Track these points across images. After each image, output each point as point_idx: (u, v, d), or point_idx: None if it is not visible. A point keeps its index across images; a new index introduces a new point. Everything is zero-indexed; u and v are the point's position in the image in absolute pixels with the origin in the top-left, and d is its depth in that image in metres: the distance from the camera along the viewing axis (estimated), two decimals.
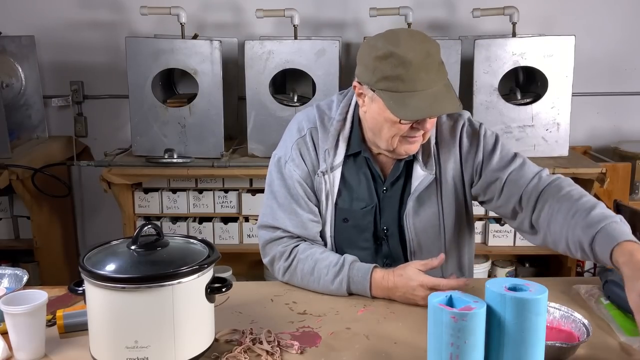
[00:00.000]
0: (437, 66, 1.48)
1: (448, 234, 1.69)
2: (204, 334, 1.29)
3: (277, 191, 1.66)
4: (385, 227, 1.67)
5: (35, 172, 2.80)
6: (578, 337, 1.32)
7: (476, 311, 1.06)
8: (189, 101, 2.83)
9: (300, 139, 1.66)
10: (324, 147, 1.63)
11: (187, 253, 1.29)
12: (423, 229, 1.65)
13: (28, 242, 3.00)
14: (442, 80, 1.49)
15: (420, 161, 1.62)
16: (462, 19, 3.17)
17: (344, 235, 1.67)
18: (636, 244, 1.33)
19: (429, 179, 1.62)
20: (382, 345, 1.35)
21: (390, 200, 1.66)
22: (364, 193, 1.65)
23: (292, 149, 1.66)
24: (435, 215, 1.65)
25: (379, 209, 1.66)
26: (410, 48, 1.45)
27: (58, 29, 3.23)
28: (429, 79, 1.45)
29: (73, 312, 1.41)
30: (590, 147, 3.27)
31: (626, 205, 2.13)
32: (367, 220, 1.66)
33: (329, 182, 1.63)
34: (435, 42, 1.51)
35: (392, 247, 1.68)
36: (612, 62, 3.24)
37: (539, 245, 1.62)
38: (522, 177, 1.59)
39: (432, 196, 1.64)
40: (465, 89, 2.84)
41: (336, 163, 1.63)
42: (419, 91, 1.45)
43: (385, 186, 1.65)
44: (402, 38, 1.48)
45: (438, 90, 1.47)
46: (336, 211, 1.65)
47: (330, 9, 3.19)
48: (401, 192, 1.66)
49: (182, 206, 2.92)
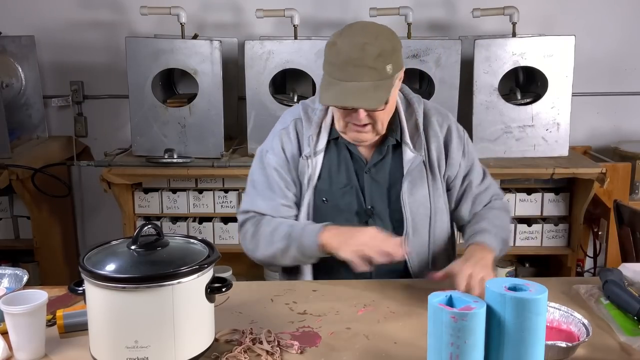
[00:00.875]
0: (370, 62, 1.52)
1: (438, 218, 1.75)
2: (204, 334, 1.29)
3: (256, 180, 1.77)
4: (370, 206, 1.73)
5: (35, 172, 2.80)
6: (578, 337, 1.32)
7: (476, 311, 1.06)
8: (189, 101, 2.83)
9: (283, 130, 1.76)
10: (307, 133, 1.72)
11: (187, 253, 1.29)
12: (416, 209, 1.72)
13: (28, 242, 3.00)
14: (373, 77, 1.54)
15: (409, 144, 1.71)
16: (462, 19, 3.17)
17: (322, 215, 1.73)
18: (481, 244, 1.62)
19: (418, 159, 1.71)
20: (382, 345, 1.35)
21: (376, 181, 1.73)
22: (343, 176, 1.73)
23: (274, 140, 1.76)
24: (426, 197, 1.73)
25: (362, 189, 1.73)
26: (349, 40, 1.55)
27: (58, 29, 3.23)
28: (355, 72, 1.53)
29: (73, 312, 1.41)
30: (590, 147, 3.27)
31: (626, 205, 2.13)
32: (346, 200, 1.73)
33: (311, 165, 1.72)
34: (383, 41, 1.55)
35: (380, 226, 1.68)
36: (612, 62, 3.24)
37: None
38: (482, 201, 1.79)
39: (422, 178, 1.73)
40: (465, 89, 2.84)
41: (319, 148, 1.72)
42: (344, 82, 1.54)
43: (367, 168, 1.73)
44: (351, 30, 1.58)
45: (364, 85, 1.53)
46: (315, 193, 1.73)
47: (330, 9, 3.19)
48: (389, 174, 1.73)
49: (182, 206, 2.92)
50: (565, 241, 2.95)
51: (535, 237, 2.94)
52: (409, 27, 2.87)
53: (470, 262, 1.53)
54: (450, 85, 2.79)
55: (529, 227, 2.94)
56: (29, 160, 2.83)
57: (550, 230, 2.94)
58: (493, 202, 1.80)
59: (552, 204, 2.92)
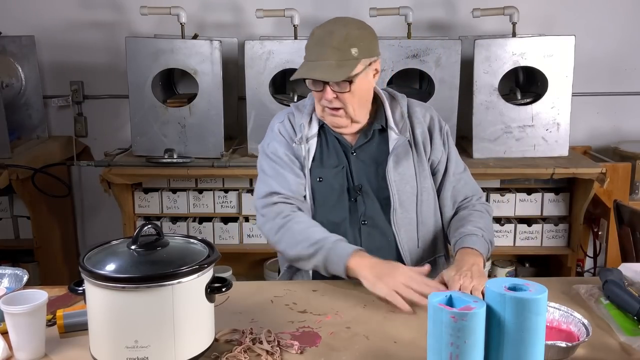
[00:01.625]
0: (335, 44, 1.68)
1: (424, 197, 1.83)
2: (204, 334, 1.29)
3: (266, 168, 1.86)
4: (358, 185, 1.82)
5: (35, 172, 2.80)
6: (578, 337, 1.32)
7: (476, 311, 1.06)
8: (189, 101, 2.83)
9: (280, 123, 1.89)
10: (299, 122, 1.86)
11: (187, 253, 1.29)
12: (403, 187, 1.80)
13: (28, 242, 3.00)
14: (337, 57, 1.67)
15: (394, 128, 1.82)
16: (462, 19, 3.17)
17: (320, 194, 1.83)
18: (471, 249, 1.68)
19: (403, 139, 1.81)
20: (382, 345, 1.35)
21: (362, 161, 1.83)
22: (334, 158, 1.85)
23: (273, 132, 1.89)
24: (412, 177, 1.82)
25: (350, 170, 1.83)
26: (322, 28, 1.73)
27: (58, 29, 3.23)
28: (321, 52, 1.69)
29: (73, 312, 1.41)
30: (590, 147, 3.27)
31: (626, 205, 2.13)
32: (338, 179, 1.83)
33: (304, 150, 1.83)
34: (351, 28, 1.72)
35: (368, 203, 1.82)
36: (612, 62, 3.24)
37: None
38: (461, 192, 1.88)
39: (408, 155, 1.82)
40: (465, 89, 2.84)
41: (310, 134, 1.84)
42: (311, 61, 1.71)
43: (353, 149, 1.83)
44: (328, 22, 1.76)
45: (328, 63, 1.68)
46: (312, 174, 1.84)
47: (331, 9, 3.19)
48: (375, 154, 1.83)
49: (182, 206, 2.92)
50: (565, 241, 2.95)
51: (535, 237, 2.94)
52: (409, 27, 2.87)
53: (463, 271, 1.56)
54: (450, 85, 2.79)
55: (529, 227, 2.94)
56: (29, 160, 2.83)
57: (550, 230, 2.94)
58: (474, 202, 1.87)
59: (552, 204, 2.92)
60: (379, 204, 1.82)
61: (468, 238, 1.71)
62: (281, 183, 1.81)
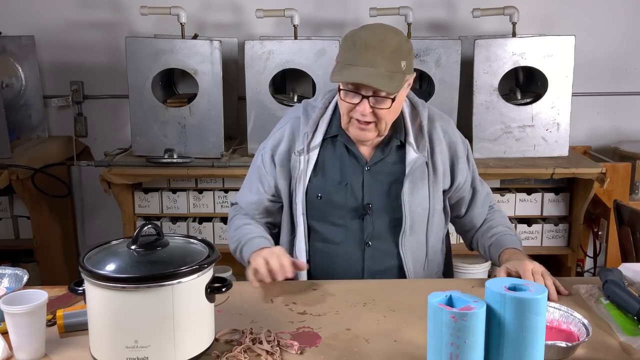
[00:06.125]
0: (387, 54, 1.55)
1: (435, 219, 1.77)
2: (204, 334, 1.29)
3: (249, 174, 1.87)
4: (368, 203, 1.73)
5: (35, 172, 2.80)
6: (578, 337, 1.32)
7: (476, 311, 1.06)
8: (189, 101, 2.83)
9: (279, 130, 1.80)
10: (303, 130, 1.74)
11: (187, 253, 1.29)
12: (415, 209, 1.72)
13: (28, 242, 3.00)
14: (388, 67, 1.55)
15: (412, 144, 1.71)
16: (462, 19, 3.17)
17: (316, 211, 1.75)
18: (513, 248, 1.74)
19: (421, 159, 1.71)
20: (382, 345, 1.35)
21: (376, 179, 1.73)
22: (337, 173, 1.74)
23: (269, 140, 1.82)
24: (425, 198, 1.74)
25: (362, 186, 1.73)
26: (369, 32, 1.58)
27: (58, 29, 3.23)
28: (370, 58, 1.54)
29: (73, 312, 1.41)
30: (590, 147, 3.27)
31: (626, 205, 2.13)
32: (341, 196, 1.73)
33: (304, 162, 1.73)
34: (401, 39, 1.59)
35: (377, 224, 1.74)
36: (612, 62, 3.24)
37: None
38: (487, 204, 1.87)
39: (424, 178, 1.73)
40: (465, 89, 2.84)
41: (313, 145, 1.73)
42: (357, 66, 1.55)
43: (368, 165, 1.73)
44: (372, 25, 1.63)
45: (379, 71, 1.54)
46: (310, 189, 1.74)
47: (330, 9, 3.19)
48: (390, 172, 1.73)
49: (182, 206, 2.92)
50: (565, 241, 2.95)
51: (535, 237, 2.94)
52: (409, 27, 2.87)
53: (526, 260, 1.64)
54: (450, 85, 2.79)
55: (529, 227, 2.94)
56: (29, 160, 2.83)
57: (550, 230, 2.94)
58: (493, 205, 1.90)
59: (552, 204, 2.92)
60: (388, 225, 1.74)
61: (505, 238, 1.78)
62: (255, 197, 1.82)
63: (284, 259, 1.62)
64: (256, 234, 1.77)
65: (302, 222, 1.75)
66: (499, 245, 1.78)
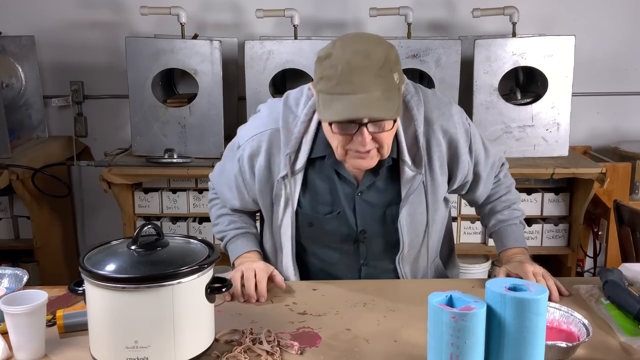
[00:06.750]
0: (376, 70, 1.35)
1: (434, 228, 1.68)
2: (204, 334, 1.29)
3: (226, 168, 1.70)
4: (362, 230, 1.61)
5: (35, 172, 2.80)
6: (578, 337, 1.32)
7: (476, 311, 1.06)
8: (189, 101, 2.83)
9: (256, 136, 1.59)
10: (285, 150, 1.54)
11: (187, 253, 1.29)
12: (413, 229, 1.62)
13: (28, 242, 3.00)
14: (382, 86, 1.36)
15: (407, 162, 1.53)
16: (462, 19, 3.17)
17: (310, 237, 1.65)
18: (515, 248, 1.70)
19: (418, 179, 1.55)
20: (382, 345, 1.35)
21: (369, 204, 1.59)
22: (327, 197, 1.58)
23: (249, 144, 1.60)
24: (424, 215, 1.61)
25: (354, 212, 1.59)
26: (350, 48, 1.37)
27: (58, 29, 3.23)
28: (362, 81, 1.34)
29: (73, 312, 1.41)
30: (590, 147, 3.27)
31: (626, 205, 2.13)
32: (334, 225, 1.60)
33: (289, 186, 1.56)
34: (386, 47, 1.39)
35: (372, 248, 1.64)
36: (612, 62, 3.24)
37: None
38: (492, 179, 1.75)
39: (421, 194, 1.58)
40: (465, 89, 2.84)
41: (298, 167, 1.55)
42: (349, 94, 1.35)
43: (359, 190, 1.58)
44: (347, 40, 1.41)
45: (373, 95, 1.34)
46: (299, 215, 1.60)
47: (330, 9, 3.19)
48: (383, 195, 1.59)
49: (182, 206, 2.92)
50: (565, 241, 2.95)
51: (535, 237, 2.94)
52: (409, 27, 2.87)
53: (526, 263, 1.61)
54: (450, 85, 2.79)
55: (529, 227, 2.93)
56: (29, 160, 2.83)
57: (550, 230, 2.94)
58: (499, 174, 1.76)
59: (552, 204, 2.92)
60: (384, 248, 1.64)
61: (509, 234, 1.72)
62: (225, 193, 1.74)
63: (261, 284, 1.55)
64: (240, 229, 1.73)
65: (290, 244, 1.63)
66: (501, 240, 1.73)
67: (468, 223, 2.95)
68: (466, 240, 2.97)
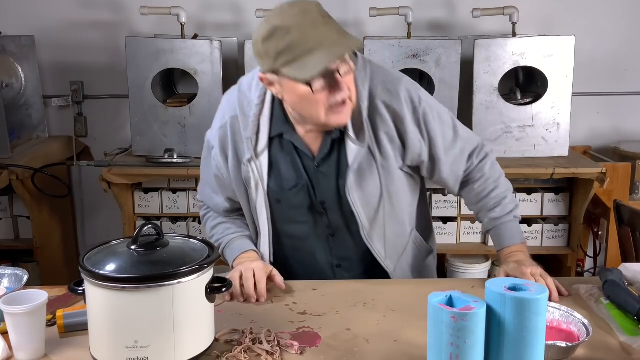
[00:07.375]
0: (321, 19, 1.43)
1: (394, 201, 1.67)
2: (204, 334, 1.29)
3: (204, 173, 1.81)
4: (322, 201, 1.67)
5: (35, 172, 2.80)
6: (578, 337, 1.32)
7: (476, 311, 1.06)
8: (189, 101, 2.83)
9: (221, 128, 1.67)
10: (245, 134, 1.62)
11: (187, 253, 1.29)
12: (368, 201, 1.64)
13: (28, 242, 3.00)
14: (334, 28, 1.44)
15: (351, 136, 1.58)
16: (462, 19, 3.17)
17: (281, 214, 1.71)
18: (512, 247, 1.69)
19: (362, 152, 1.59)
20: (382, 345, 1.35)
21: (325, 175, 1.65)
22: (291, 173, 1.65)
23: (217, 138, 1.69)
24: (377, 188, 1.63)
25: (312, 185, 1.65)
26: (286, 15, 1.43)
27: (58, 29, 3.23)
28: (316, 34, 1.41)
29: (73, 312, 1.41)
30: (590, 147, 3.27)
31: (626, 205, 2.13)
32: (299, 198, 1.67)
33: (256, 168, 1.63)
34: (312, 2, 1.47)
35: (332, 219, 1.69)
36: (612, 62, 3.24)
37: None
38: (462, 163, 1.70)
39: (372, 167, 1.61)
40: (465, 89, 2.84)
41: (260, 148, 1.62)
42: (314, 48, 1.40)
43: (316, 162, 1.63)
44: (277, 12, 1.46)
45: (332, 39, 1.42)
46: (269, 194, 1.67)
47: (330, 9, 3.12)
48: (336, 166, 1.63)
49: (182, 206, 2.92)
50: (565, 241, 2.95)
51: (535, 237, 2.94)
52: (409, 27, 2.87)
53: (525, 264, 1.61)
54: (450, 85, 2.79)
55: (529, 227, 2.93)
56: (29, 160, 2.83)
57: (550, 230, 2.94)
58: (477, 167, 1.72)
59: (552, 204, 2.92)
60: (345, 219, 1.68)
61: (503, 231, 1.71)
62: (219, 197, 1.79)
63: (261, 283, 1.58)
64: (235, 233, 1.77)
65: (267, 226, 1.69)
66: (497, 239, 1.72)
67: (468, 223, 2.95)
68: (466, 240, 2.97)
